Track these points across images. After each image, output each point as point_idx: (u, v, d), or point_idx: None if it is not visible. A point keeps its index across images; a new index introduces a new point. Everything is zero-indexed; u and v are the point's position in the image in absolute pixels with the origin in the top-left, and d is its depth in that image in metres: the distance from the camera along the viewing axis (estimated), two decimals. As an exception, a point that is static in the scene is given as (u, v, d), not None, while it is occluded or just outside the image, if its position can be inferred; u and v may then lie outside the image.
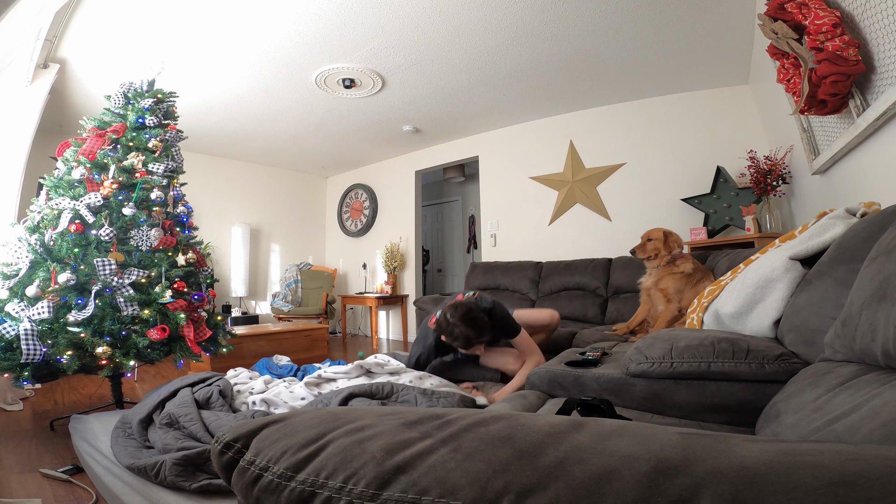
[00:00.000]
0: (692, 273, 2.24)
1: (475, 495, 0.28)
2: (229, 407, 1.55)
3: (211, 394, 1.56)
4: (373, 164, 5.92)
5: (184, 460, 1.13)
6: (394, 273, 5.27)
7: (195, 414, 1.40)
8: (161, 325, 2.06)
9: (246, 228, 5.39)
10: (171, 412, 1.42)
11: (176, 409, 1.43)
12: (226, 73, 3.30)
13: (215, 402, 1.53)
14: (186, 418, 1.37)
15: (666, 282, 2.26)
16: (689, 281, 2.22)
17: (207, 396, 1.55)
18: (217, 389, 1.59)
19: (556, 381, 1.41)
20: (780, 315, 1.23)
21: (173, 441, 1.27)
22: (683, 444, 0.30)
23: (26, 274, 1.95)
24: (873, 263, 0.75)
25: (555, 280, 3.64)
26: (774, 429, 0.78)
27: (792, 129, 2.46)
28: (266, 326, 3.70)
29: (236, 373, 1.93)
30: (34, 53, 2.67)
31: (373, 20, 2.69)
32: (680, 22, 2.73)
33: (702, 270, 2.28)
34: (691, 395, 1.13)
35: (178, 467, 1.12)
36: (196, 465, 1.14)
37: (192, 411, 1.41)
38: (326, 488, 0.33)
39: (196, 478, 1.12)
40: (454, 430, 0.36)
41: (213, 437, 1.30)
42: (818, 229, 1.24)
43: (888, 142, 1.48)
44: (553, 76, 3.48)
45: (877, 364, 0.66)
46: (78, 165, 2.15)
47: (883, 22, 1.34)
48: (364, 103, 3.91)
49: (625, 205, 3.93)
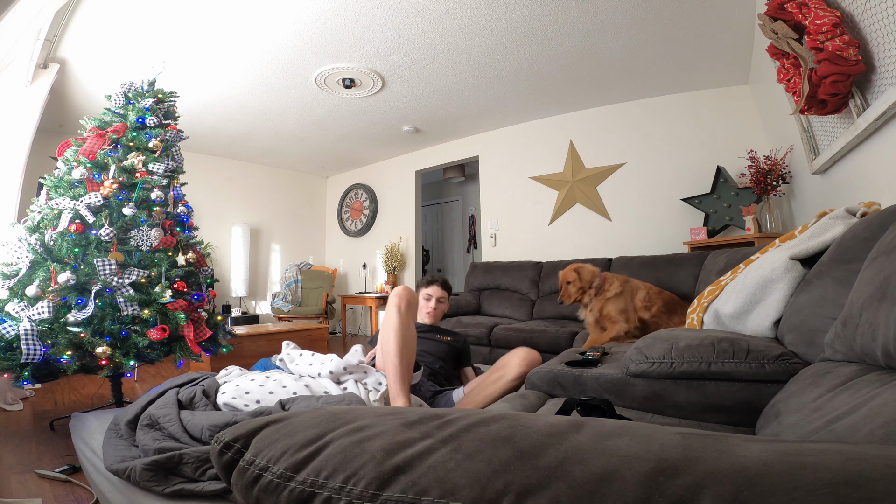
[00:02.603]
0: (624, 289, 2.34)
1: (475, 495, 0.28)
2: (212, 406, 1.53)
3: (194, 394, 1.54)
4: (373, 164, 5.92)
5: (153, 465, 1.10)
6: (394, 273, 5.27)
7: (174, 414, 1.38)
8: (161, 325, 2.06)
9: (246, 228, 5.39)
10: (152, 413, 1.40)
11: (157, 410, 1.41)
12: (226, 72, 3.30)
13: (198, 401, 1.51)
14: (166, 419, 1.36)
15: (608, 308, 2.34)
16: (625, 296, 2.31)
17: (191, 396, 1.53)
18: (201, 389, 1.57)
19: (556, 381, 1.41)
20: (780, 315, 1.23)
21: (151, 442, 1.25)
22: (684, 444, 0.30)
23: (26, 274, 1.95)
24: (873, 263, 0.75)
25: (555, 280, 3.64)
26: (774, 429, 0.78)
27: (792, 129, 2.46)
28: (266, 326, 3.70)
29: (227, 371, 1.92)
30: (34, 53, 2.67)
31: (373, 20, 2.69)
32: (680, 22, 2.73)
33: (629, 281, 2.39)
34: (691, 395, 1.13)
35: (148, 472, 1.09)
36: (167, 470, 1.11)
37: (172, 412, 1.39)
38: (326, 488, 0.33)
39: (169, 482, 1.09)
40: (454, 430, 0.36)
41: (190, 437, 1.28)
42: (818, 229, 1.24)
43: (888, 142, 1.48)
44: (553, 76, 3.48)
45: (877, 364, 0.66)
46: (78, 165, 2.15)
47: (883, 22, 1.34)
48: (364, 103, 3.91)
49: (625, 205, 3.93)
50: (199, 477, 1.10)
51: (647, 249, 3.59)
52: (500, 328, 3.14)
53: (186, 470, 1.10)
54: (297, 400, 1.44)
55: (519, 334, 2.98)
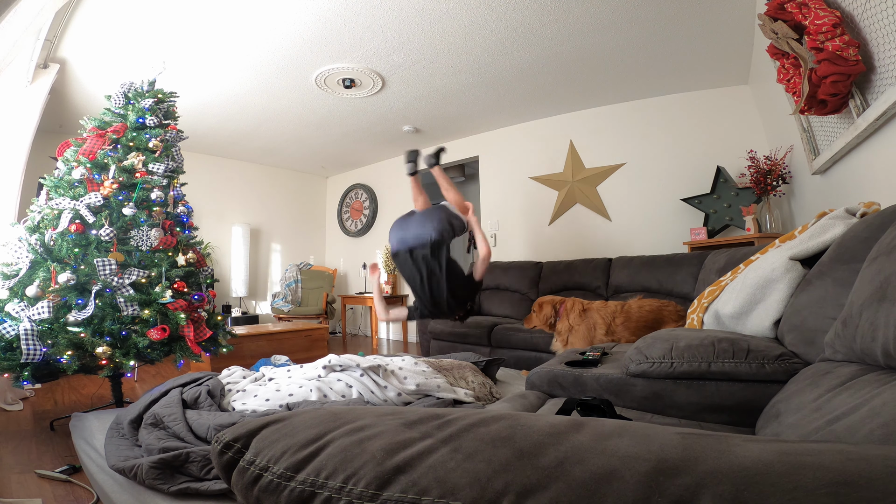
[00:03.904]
0: (582, 306, 2.50)
1: (475, 495, 0.28)
2: (217, 406, 1.53)
3: (199, 394, 1.55)
4: (373, 164, 5.92)
5: (160, 463, 1.11)
6: (394, 273, 5.27)
7: (179, 414, 1.38)
8: (161, 325, 2.06)
9: (246, 228, 5.39)
10: (157, 412, 1.41)
11: (161, 409, 1.42)
12: (226, 72, 3.30)
13: (203, 401, 1.52)
14: (170, 418, 1.36)
15: (591, 320, 2.44)
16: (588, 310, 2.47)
17: (195, 396, 1.53)
18: (206, 389, 1.58)
19: (556, 381, 1.41)
20: (780, 315, 1.23)
21: (155, 441, 1.26)
22: (684, 444, 0.30)
23: (26, 274, 1.95)
24: (873, 263, 0.75)
25: (555, 280, 3.64)
26: (774, 429, 0.78)
27: (792, 129, 2.46)
28: (266, 326, 3.70)
29: (230, 372, 1.92)
30: (34, 53, 2.67)
31: (373, 20, 2.69)
32: (680, 22, 2.73)
33: (576, 299, 2.59)
34: (691, 395, 1.13)
35: (155, 470, 1.10)
36: (174, 468, 1.12)
37: (177, 411, 1.40)
38: (326, 488, 0.33)
39: (175, 480, 1.10)
40: (454, 430, 0.36)
41: (196, 437, 1.28)
42: (818, 229, 1.24)
43: (888, 142, 1.48)
44: (553, 76, 3.48)
45: (877, 364, 0.66)
46: (78, 165, 2.15)
47: (883, 22, 1.34)
48: (364, 103, 3.91)
49: (625, 205, 3.93)
50: (204, 476, 1.10)
51: (647, 249, 3.59)
52: (501, 328, 3.14)
53: (192, 469, 1.11)
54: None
55: (519, 334, 2.98)
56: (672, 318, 2.31)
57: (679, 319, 2.28)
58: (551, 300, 2.63)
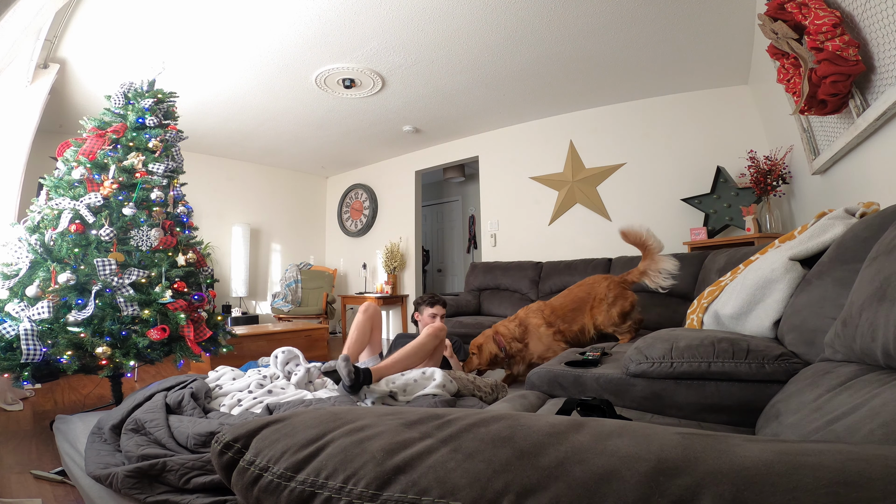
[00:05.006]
0: (517, 321, 2.58)
1: (475, 495, 0.28)
2: (202, 409, 1.47)
3: (182, 397, 1.49)
4: (373, 164, 5.92)
5: (135, 472, 1.06)
6: (394, 273, 5.27)
7: (162, 419, 1.32)
8: (161, 325, 2.06)
9: (246, 228, 5.39)
10: (138, 417, 1.35)
11: (143, 415, 1.36)
12: (226, 72, 3.30)
13: (186, 405, 1.46)
14: (152, 423, 1.31)
15: (531, 325, 2.55)
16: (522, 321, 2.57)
17: (179, 400, 1.47)
18: (189, 392, 1.52)
19: (556, 381, 1.41)
20: (780, 315, 1.23)
21: (135, 448, 1.20)
22: (684, 444, 0.30)
23: (26, 274, 1.95)
24: (873, 263, 0.75)
25: (555, 280, 3.64)
26: (774, 429, 0.78)
27: (792, 129, 2.46)
28: (266, 326, 3.70)
29: (219, 374, 1.88)
30: (34, 53, 2.67)
31: (373, 20, 2.69)
32: (680, 22, 2.73)
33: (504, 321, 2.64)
34: (691, 395, 1.13)
35: (131, 479, 1.05)
36: (151, 478, 1.07)
37: (160, 416, 1.34)
38: (326, 488, 0.33)
39: (153, 490, 1.05)
40: (454, 430, 0.36)
41: (177, 444, 1.23)
42: (818, 230, 1.24)
43: (888, 142, 1.48)
44: (553, 76, 3.48)
45: (877, 364, 0.66)
46: (78, 165, 2.15)
47: (883, 22, 1.34)
48: (364, 103, 3.91)
49: (625, 205, 3.93)
50: (183, 485, 1.05)
51: (647, 249, 3.59)
52: (500, 328, 3.14)
53: (170, 478, 1.07)
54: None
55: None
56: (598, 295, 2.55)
57: (605, 293, 2.53)
58: (484, 336, 2.57)
